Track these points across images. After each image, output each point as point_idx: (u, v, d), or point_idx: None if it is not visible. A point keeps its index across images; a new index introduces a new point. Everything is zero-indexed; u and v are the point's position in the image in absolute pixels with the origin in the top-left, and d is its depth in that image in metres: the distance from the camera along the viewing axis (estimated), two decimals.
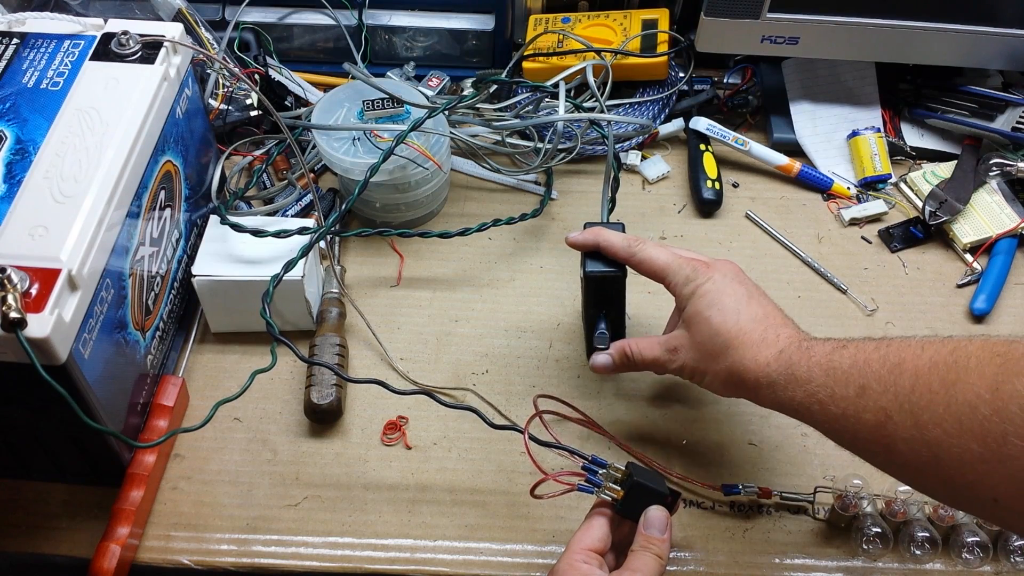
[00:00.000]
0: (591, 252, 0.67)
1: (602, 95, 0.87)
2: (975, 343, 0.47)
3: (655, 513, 0.57)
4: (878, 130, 0.90)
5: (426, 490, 0.67)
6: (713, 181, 0.87)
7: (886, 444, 0.49)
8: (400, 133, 0.74)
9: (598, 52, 0.88)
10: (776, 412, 0.71)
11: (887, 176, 0.88)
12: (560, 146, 0.84)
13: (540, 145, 0.84)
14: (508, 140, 0.86)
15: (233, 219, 0.73)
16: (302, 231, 0.73)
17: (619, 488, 0.58)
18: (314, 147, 0.85)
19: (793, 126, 0.92)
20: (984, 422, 0.43)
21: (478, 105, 0.85)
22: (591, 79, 0.85)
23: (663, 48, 0.90)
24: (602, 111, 0.84)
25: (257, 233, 0.72)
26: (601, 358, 0.66)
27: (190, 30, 0.86)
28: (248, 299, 0.70)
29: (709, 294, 0.60)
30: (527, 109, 0.86)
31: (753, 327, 0.58)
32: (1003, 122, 0.88)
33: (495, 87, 0.88)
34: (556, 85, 0.83)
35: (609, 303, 0.67)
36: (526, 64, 0.91)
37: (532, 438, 0.61)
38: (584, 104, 0.86)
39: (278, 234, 0.72)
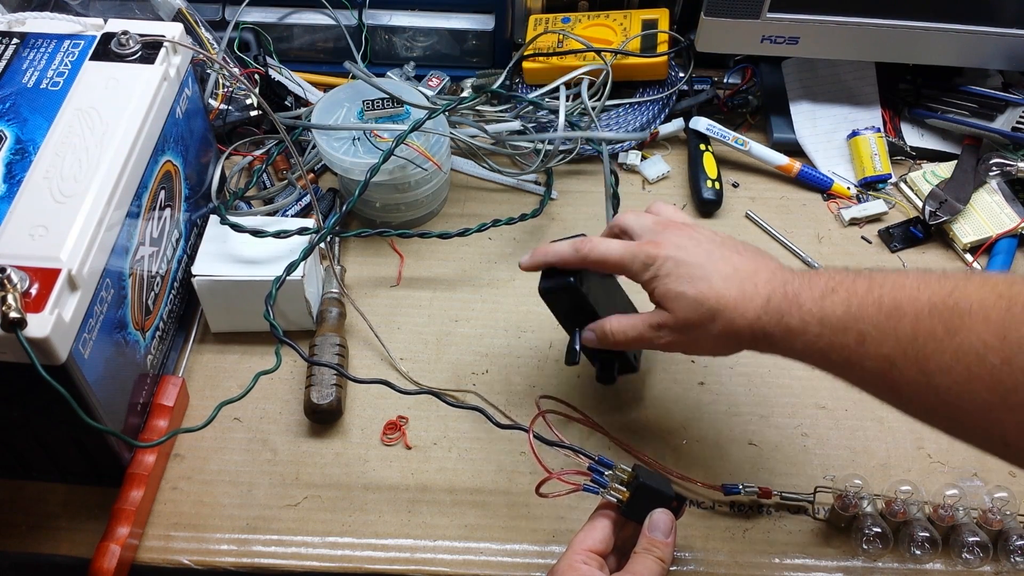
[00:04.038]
0: (548, 271, 0.64)
1: (601, 96, 0.87)
2: (973, 282, 0.46)
3: (660, 516, 0.57)
4: (878, 130, 0.90)
5: (426, 490, 0.67)
6: (713, 181, 0.87)
7: (892, 388, 0.49)
8: (400, 133, 0.74)
9: (598, 52, 0.88)
10: (776, 412, 0.71)
11: (887, 176, 0.88)
12: (560, 147, 0.84)
13: (539, 147, 0.84)
14: (508, 140, 0.86)
15: (233, 219, 0.73)
16: (302, 231, 0.73)
17: (625, 489, 0.58)
18: (314, 147, 0.84)
19: (793, 126, 0.92)
20: (994, 371, 0.43)
21: (478, 107, 0.85)
22: (585, 95, 0.85)
23: (663, 48, 0.90)
24: (596, 127, 0.84)
25: (257, 233, 0.72)
26: (586, 334, 0.63)
27: (190, 30, 0.86)
28: (248, 299, 0.70)
29: (672, 273, 0.57)
30: (527, 111, 0.86)
31: (729, 287, 0.55)
32: (1003, 122, 0.88)
33: (494, 84, 0.88)
34: (556, 90, 0.83)
35: (578, 312, 0.64)
36: (526, 64, 0.91)
37: (537, 437, 0.61)
38: (581, 110, 0.86)
39: (278, 234, 0.72)
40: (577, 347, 0.64)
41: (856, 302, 0.50)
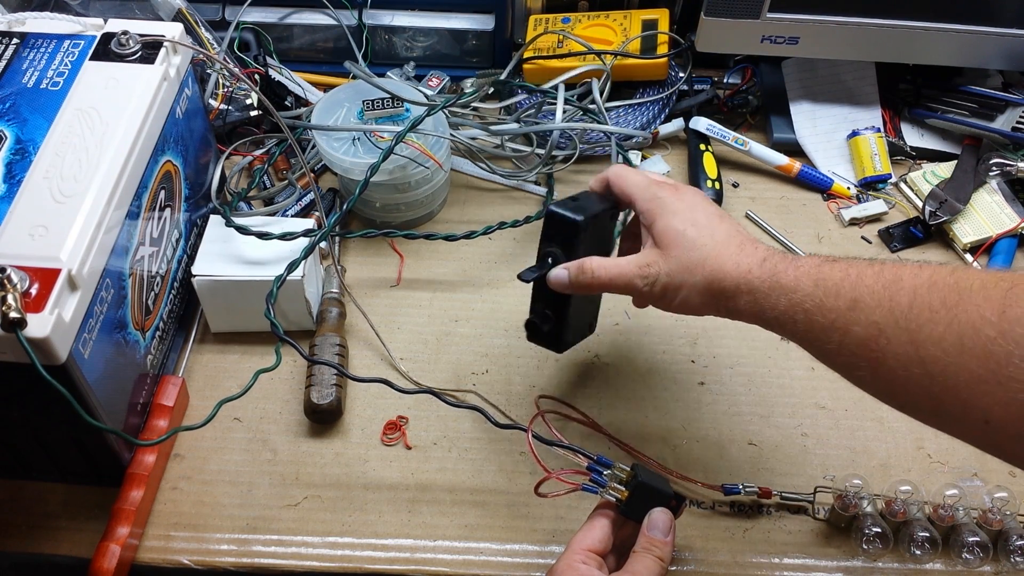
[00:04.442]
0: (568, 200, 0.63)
1: (601, 97, 0.87)
2: (976, 271, 0.47)
3: (659, 515, 0.57)
4: (878, 130, 0.90)
5: (426, 490, 0.67)
6: (713, 181, 0.87)
7: (874, 358, 0.48)
8: (401, 130, 0.75)
9: (598, 54, 0.88)
10: (776, 412, 0.71)
11: (887, 176, 0.88)
12: (560, 149, 0.84)
13: (539, 151, 0.84)
14: (508, 144, 0.86)
15: (238, 221, 0.73)
16: (307, 233, 0.73)
17: (624, 488, 0.58)
18: (314, 147, 0.85)
19: (793, 126, 0.92)
20: (988, 343, 0.43)
21: (476, 105, 0.85)
22: (596, 90, 0.85)
23: (663, 48, 0.90)
24: (604, 122, 0.84)
25: (263, 236, 0.72)
26: (557, 272, 0.61)
27: (190, 30, 0.86)
28: (248, 299, 0.70)
29: (681, 211, 0.58)
30: (528, 113, 0.86)
31: (730, 239, 0.56)
32: (1003, 122, 0.88)
33: (494, 85, 0.88)
34: (555, 88, 0.83)
35: (564, 246, 0.62)
36: (527, 66, 0.91)
37: (536, 437, 0.61)
38: (579, 116, 0.86)
39: (283, 237, 0.72)
40: (533, 273, 0.62)
41: (855, 272, 0.50)
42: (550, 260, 0.62)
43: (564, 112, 0.84)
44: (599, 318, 0.71)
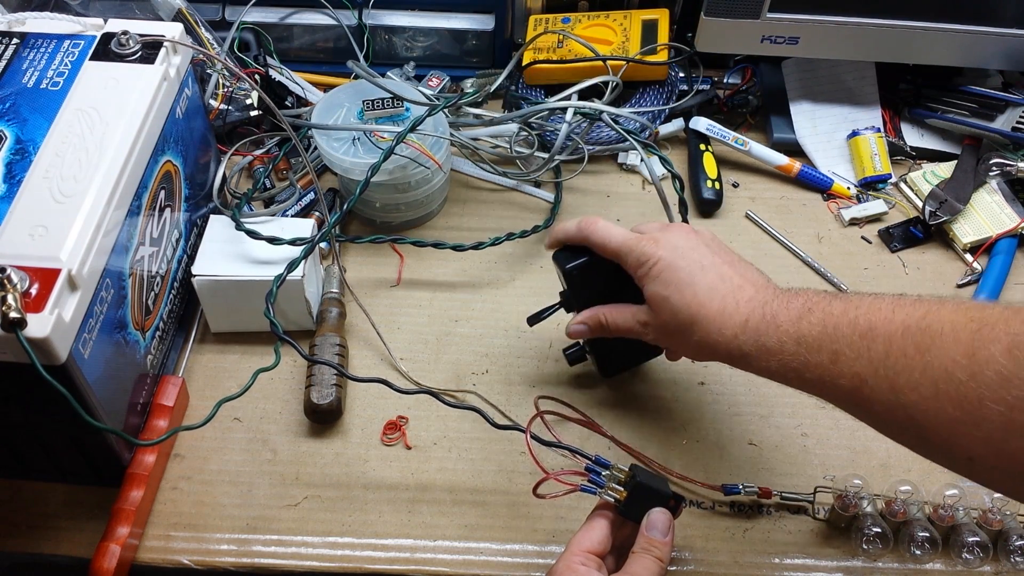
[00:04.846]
0: (566, 249, 0.67)
1: (602, 99, 0.87)
2: (946, 307, 0.48)
3: (657, 515, 0.57)
4: (878, 130, 0.90)
5: (426, 490, 0.67)
6: (713, 181, 0.87)
7: (863, 406, 0.50)
8: (401, 130, 0.75)
9: (603, 60, 0.88)
10: (776, 412, 0.71)
11: (887, 176, 0.88)
12: (562, 155, 0.84)
13: (540, 154, 0.84)
14: (515, 148, 0.86)
15: (248, 225, 0.73)
16: (317, 238, 0.73)
17: (622, 489, 0.58)
18: (314, 148, 0.85)
19: (793, 126, 0.92)
20: (960, 387, 0.44)
21: (478, 111, 0.85)
22: (611, 75, 0.86)
23: (662, 50, 0.90)
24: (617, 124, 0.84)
25: (273, 241, 0.72)
26: (576, 328, 0.66)
27: (190, 30, 0.86)
28: (248, 299, 0.70)
29: (662, 274, 0.59)
30: (539, 116, 0.86)
31: (711, 300, 0.57)
32: (1003, 122, 0.88)
33: (494, 85, 0.88)
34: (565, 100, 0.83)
35: (571, 289, 0.67)
36: (529, 71, 0.90)
37: (534, 437, 0.61)
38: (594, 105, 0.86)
39: (293, 242, 0.72)
40: (539, 318, 0.70)
41: (832, 323, 0.52)
42: (560, 301, 0.69)
43: (574, 117, 0.84)
44: None
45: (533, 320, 0.71)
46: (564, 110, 0.83)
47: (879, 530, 0.62)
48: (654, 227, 0.63)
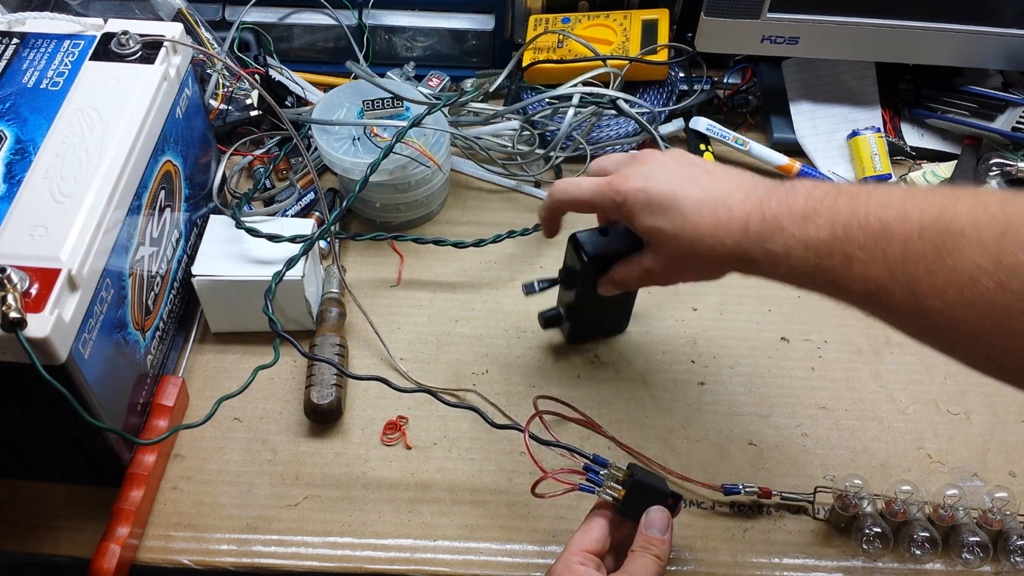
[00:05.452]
0: (571, 252, 0.67)
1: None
2: (963, 201, 0.45)
3: (656, 514, 0.57)
4: (878, 130, 0.90)
5: (426, 490, 0.67)
6: None
7: (884, 309, 0.48)
8: (401, 128, 0.75)
9: (604, 60, 0.88)
10: (776, 412, 0.71)
11: (887, 176, 0.88)
12: (561, 150, 0.84)
13: (540, 151, 0.84)
14: (517, 146, 0.86)
15: (249, 224, 0.73)
16: (317, 235, 0.73)
17: (620, 488, 0.58)
18: (314, 148, 0.85)
19: (793, 126, 0.92)
20: (987, 295, 0.42)
21: (478, 105, 0.85)
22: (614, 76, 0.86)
23: (662, 50, 0.90)
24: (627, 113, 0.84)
25: (273, 239, 0.72)
26: (608, 289, 0.65)
27: (190, 30, 0.86)
28: (248, 299, 0.70)
29: (645, 207, 0.56)
30: (543, 115, 0.86)
31: (702, 215, 0.54)
32: (1003, 122, 0.88)
33: (494, 85, 0.88)
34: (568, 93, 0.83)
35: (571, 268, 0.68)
36: (530, 71, 0.90)
37: (533, 437, 0.61)
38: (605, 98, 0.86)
39: (294, 239, 0.72)
40: (542, 287, 0.72)
41: (841, 223, 0.48)
42: (559, 278, 0.71)
43: (576, 115, 0.84)
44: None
45: (528, 290, 0.71)
46: (567, 105, 0.83)
47: (879, 530, 0.62)
48: (619, 159, 0.61)
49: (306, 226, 0.74)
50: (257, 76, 0.87)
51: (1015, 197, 0.44)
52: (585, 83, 0.86)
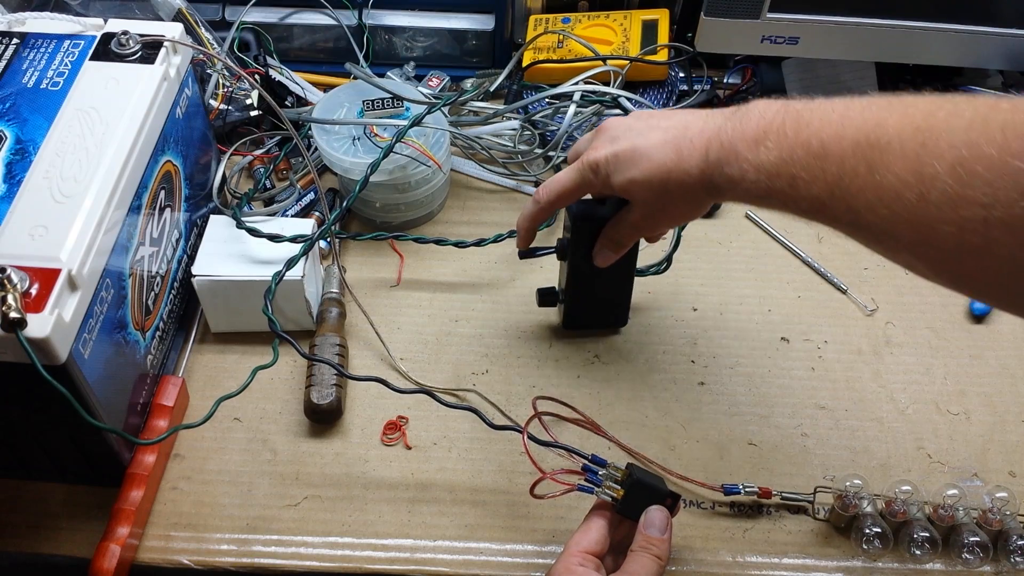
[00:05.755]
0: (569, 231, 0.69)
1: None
2: (895, 112, 0.45)
3: (655, 513, 0.57)
4: None
5: (426, 490, 0.67)
6: None
7: (829, 225, 0.49)
8: (402, 128, 0.75)
9: (604, 60, 0.88)
10: (776, 412, 0.71)
11: None
12: (563, 150, 0.84)
13: (539, 150, 0.84)
14: (519, 145, 0.86)
15: (249, 224, 0.73)
16: (317, 234, 0.73)
17: (619, 487, 0.58)
18: (314, 148, 0.85)
19: None
20: (911, 208, 0.42)
21: (479, 105, 0.85)
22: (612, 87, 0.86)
23: (662, 50, 0.90)
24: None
25: (274, 239, 0.72)
26: (604, 254, 0.67)
27: (190, 30, 0.86)
28: (248, 299, 0.70)
29: (616, 167, 0.59)
30: (544, 114, 0.86)
31: (666, 154, 0.56)
32: None
33: (494, 85, 0.88)
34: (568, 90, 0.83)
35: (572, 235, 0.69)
36: (531, 71, 0.90)
37: (531, 438, 0.61)
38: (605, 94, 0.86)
39: (294, 239, 0.72)
40: (538, 253, 0.73)
41: (787, 146, 0.49)
42: (555, 248, 0.72)
43: (577, 114, 0.84)
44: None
45: (525, 255, 0.73)
46: (568, 104, 0.83)
47: (879, 530, 0.62)
48: (586, 138, 0.64)
49: (306, 226, 0.74)
50: (257, 76, 0.87)
51: (940, 105, 0.44)
52: (585, 82, 0.86)
